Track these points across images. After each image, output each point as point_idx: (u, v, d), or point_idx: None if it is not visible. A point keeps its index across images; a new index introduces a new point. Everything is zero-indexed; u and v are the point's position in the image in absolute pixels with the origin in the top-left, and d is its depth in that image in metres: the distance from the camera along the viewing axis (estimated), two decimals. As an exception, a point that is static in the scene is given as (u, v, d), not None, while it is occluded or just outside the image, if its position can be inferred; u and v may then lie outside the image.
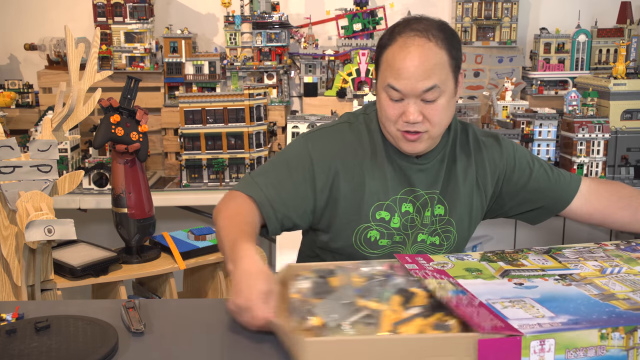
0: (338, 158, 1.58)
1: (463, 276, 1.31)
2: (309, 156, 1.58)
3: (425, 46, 1.46)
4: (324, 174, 1.58)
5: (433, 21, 1.53)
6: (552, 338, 1.06)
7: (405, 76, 1.46)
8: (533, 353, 1.05)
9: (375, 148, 1.61)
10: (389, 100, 1.51)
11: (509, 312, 1.13)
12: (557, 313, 1.13)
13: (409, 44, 1.46)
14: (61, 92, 2.17)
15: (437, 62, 1.47)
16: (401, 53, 1.47)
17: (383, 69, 1.51)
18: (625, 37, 3.15)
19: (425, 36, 1.47)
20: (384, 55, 1.51)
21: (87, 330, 1.27)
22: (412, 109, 1.48)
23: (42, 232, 1.75)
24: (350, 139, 1.61)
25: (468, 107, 2.95)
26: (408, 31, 1.49)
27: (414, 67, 1.45)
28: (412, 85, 1.46)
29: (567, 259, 1.42)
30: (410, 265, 1.37)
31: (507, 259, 1.42)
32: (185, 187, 2.79)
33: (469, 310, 1.13)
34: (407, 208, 1.60)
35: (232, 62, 3.07)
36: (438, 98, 1.49)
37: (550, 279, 1.30)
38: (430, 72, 1.46)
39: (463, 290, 1.23)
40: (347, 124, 1.65)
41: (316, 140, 1.62)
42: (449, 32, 1.52)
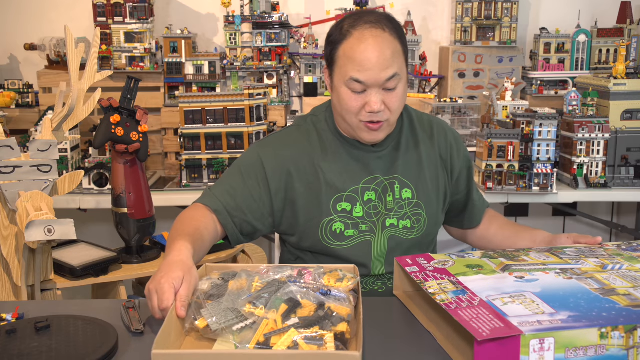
0: (289, 159, 1.64)
1: (464, 273, 1.31)
2: (261, 161, 1.64)
3: (382, 36, 1.51)
4: (277, 177, 1.63)
5: (381, 13, 1.57)
6: (552, 337, 1.05)
7: (368, 67, 1.49)
8: (533, 352, 1.05)
9: (326, 145, 1.66)
10: (351, 93, 1.54)
11: (509, 309, 1.13)
12: (557, 309, 1.13)
13: (366, 36, 1.50)
14: (61, 92, 2.17)
15: (394, 51, 1.52)
16: (360, 45, 1.50)
17: (342, 64, 1.54)
18: (625, 37, 3.15)
19: (380, 27, 1.51)
20: (340, 49, 1.54)
21: (87, 330, 1.27)
22: (375, 99, 1.52)
23: (42, 232, 1.75)
24: (299, 140, 1.67)
25: (468, 107, 2.95)
26: (362, 24, 1.52)
27: (376, 58, 1.49)
28: (376, 76, 1.50)
29: (569, 256, 1.42)
30: (410, 267, 1.37)
31: (509, 255, 1.42)
32: (185, 187, 2.79)
33: (468, 314, 1.12)
34: (370, 196, 1.64)
35: (232, 62, 3.07)
36: (398, 85, 1.54)
37: (551, 272, 1.30)
38: (390, 61, 1.51)
39: (464, 290, 1.23)
40: (295, 127, 1.72)
41: (266, 146, 1.68)
42: (396, 23, 1.58)
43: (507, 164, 2.72)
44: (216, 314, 1.21)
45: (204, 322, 1.21)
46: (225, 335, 1.19)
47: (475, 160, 2.86)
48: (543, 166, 2.71)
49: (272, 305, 1.21)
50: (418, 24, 3.27)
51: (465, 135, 2.92)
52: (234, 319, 1.20)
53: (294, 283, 1.27)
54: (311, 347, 1.11)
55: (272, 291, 1.25)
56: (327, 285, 1.29)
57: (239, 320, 1.20)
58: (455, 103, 2.93)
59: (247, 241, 1.71)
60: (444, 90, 3.20)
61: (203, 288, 1.31)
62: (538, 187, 2.73)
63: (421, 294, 1.40)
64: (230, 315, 1.21)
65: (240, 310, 1.22)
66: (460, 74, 3.11)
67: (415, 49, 3.15)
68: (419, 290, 1.39)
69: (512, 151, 2.71)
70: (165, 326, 1.16)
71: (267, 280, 1.31)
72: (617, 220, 3.49)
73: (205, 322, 1.21)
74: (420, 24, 3.30)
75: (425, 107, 3.00)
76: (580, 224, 3.53)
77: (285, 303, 1.21)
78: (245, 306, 1.22)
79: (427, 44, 3.31)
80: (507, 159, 2.72)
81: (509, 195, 2.74)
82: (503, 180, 2.73)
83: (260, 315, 1.19)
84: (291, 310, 1.20)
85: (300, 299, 1.22)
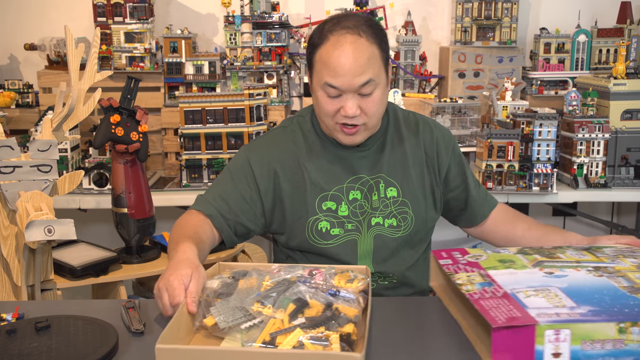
0: (275, 160, 1.67)
1: (494, 267, 1.32)
2: (249, 163, 1.67)
3: (358, 42, 1.50)
4: (265, 177, 1.66)
5: (361, 18, 1.57)
6: (568, 328, 1.06)
7: (342, 73, 1.50)
8: (548, 342, 1.06)
9: (310, 145, 1.68)
10: (327, 97, 1.55)
11: (530, 301, 1.14)
12: (579, 303, 1.13)
13: (342, 42, 1.50)
14: (61, 92, 2.17)
15: (370, 57, 1.51)
16: (335, 51, 1.50)
17: (318, 68, 1.55)
18: (625, 37, 3.14)
19: (356, 32, 1.51)
20: (317, 54, 1.55)
21: (87, 330, 1.27)
22: (350, 104, 1.53)
23: (42, 232, 1.75)
24: (285, 141, 1.70)
25: (468, 107, 2.95)
26: (339, 29, 1.52)
27: (349, 64, 1.49)
28: (349, 82, 1.51)
29: (606, 255, 1.41)
30: (444, 260, 1.39)
31: (544, 252, 1.42)
32: (185, 187, 2.79)
33: (488, 303, 1.14)
34: (355, 195, 1.65)
35: (232, 62, 3.07)
36: (374, 91, 1.54)
37: (582, 270, 1.30)
38: (364, 67, 1.50)
39: (490, 282, 1.24)
40: (281, 128, 1.74)
41: (253, 148, 1.71)
42: (377, 28, 1.56)
43: (507, 164, 2.72)
44: (224, 312, 1.22)
45: (212, 320, 1.22)
46: (232, 333, 1.20)
47: (475, 160, 2.86)
48: (543, 166, 2.71)
49: (280, 304, 1.22)
50: (418, 24, 3.27)
51: (465, 135, 2.92)
52: (242, 317, 1.21)
53: (304, 283, 1.28)
54: (316, 347, 1.12)
55: (281, 290, 1.26)
56: (337, 285, 1.29)
57: (247, 319, 1.21)
58: (455, 103, 2.93)
59: (241, 242, 1.74)
60: (444, 90, 3.20)
61: (213, 286, 1.32)
62: (538, 187, 2.73)
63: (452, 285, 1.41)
64: (238, 314, 1.22)
65: (248, 309, 1.22)
66: (460, 74, 3.11)
67: (415, 49, 3.16)
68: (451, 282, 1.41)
69: (512, 151, 2.71)
70: (173, 322, 1.18)
71: (277, 280, 1.31)
72: (617, 220, 3.49)
73: (214, 320, 1.22)
74: (420, 24, 3.30)
75: (425, 107, 3.00)
76: (580, 224, 3.53)
77: (293, 303, 1.21)
78: (254, 305, 1.23)
79: (427, 44, 3.31)
80: (507, 159, 2.72)
81: (509, 195, 2.74)
82: (503, 180, 2.73)
83: (268, 315, 1.20)
84: (298, 310, 1.20)
85: (308, 298, 1.22)
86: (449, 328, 1.31)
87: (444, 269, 1.35)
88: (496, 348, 1.07)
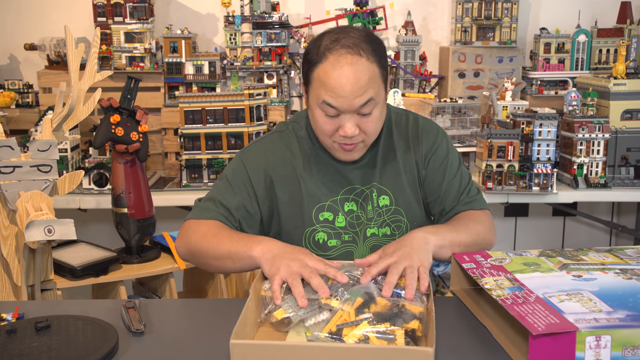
0: (270, 168, 1.63)
1: (521, 270, 1.31)
2: (246, 171, 1.63)
3: (358, 63, 1.46)
4: (261, 185, 1.63)
5: (360, 33, 1.52)
6: (609, 335, 1.05)
7: (342, 94, 1.46)
8: (589, 348, 1.04)
9: (307, 153, 1.64)
10: (325, 117, 1.51)
11: (565, 306, 1.12)
12: (615, 308, 1.12)
13: (341, 63, 1.46)
14: (61, 92, 2.17)
15: (370, 76, 1.47)
16: (334, 72, 1.46)
17: (316, 86, 1.50)
18: (625, 37, 3.15)
19: (356, 52, 1.47)
20: (315, 72, 1.50)
21: (87, 330, 1.27)
22: (349, 124, 1.49)
23: (42, 232, 1.75)
24: (280, 147, 1.66)
25: (468, 107, 2.95)
26: (338, 48, 1.47)
27: (350, 85, 1.45)
28: (349, 103, 1.47)
29: (630, 257, 1.40)
30: (467, 264, 1.38)
31: (567, 255, 1.41)
32: (185, 187, 2.79)
33: (523, 309, 1.12)
34: (351, 206, 1.63)
35: (232, 62, 3.07)
36: (373, 109, 1.51)
37: (610, 272, 1.28)
38: (365, 88, 1.46)
39: (520, 287, 1.23)
40: (277, 133, 1.69)
41: (249, 154, 1.66)
42: (376, 43, 1.52)
43: (507, 164, 2.72)
44: (294, 306, 1.24)
45: (282, 313, 1.24)
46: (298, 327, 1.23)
47: (475, 160, 2.86)
48: (543, 166, 2.71)
49: (349, 297, 1.23)
50: (418, 24, 3.27)
51: (465, 135, 2.92)
52: (310, 312, 1.24)
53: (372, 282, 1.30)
54: (381, 342, 1.14)
55: (350, 285, 1.28)
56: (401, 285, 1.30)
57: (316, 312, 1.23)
58: (455, 103, 2.93)
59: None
60: (444, 90, 3.20)
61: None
62: (538, 187, 2.73)
63: (477, 289, 1.41)
64: (308, 307, 1.24)
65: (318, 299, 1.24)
66: (460, 74, 3.11)
67: (415, 49, 3.16)
68: (475, 286, 1.40)
69: (512, 151, 2.71)
70: (243, 317, 1.19)
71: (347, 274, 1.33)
72: (617, 220, 3.49)
73: (284, 313, 1.24)
74: (420, 24, 3.30)
75: (425, 107, 3.00)
76: (580, 224, 3.53)
77: (362, 297, 1.23)
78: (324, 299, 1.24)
79: (427, 44, 3.31)
80: (507, 159, 2.72)
81: (509, 195, 2.74)
82: (503, 180, 2.73)
83: (336, 307, 1.22)
84: (366, 304, 1.22)
85: (375, 295, 1.24)
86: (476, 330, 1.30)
87: (469, 273, 1.33)
88: (534, 355, 1.06)
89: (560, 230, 3.52)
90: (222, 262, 1.50)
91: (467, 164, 2.95)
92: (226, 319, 1.37)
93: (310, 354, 1.10)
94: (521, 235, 3.52)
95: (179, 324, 1.37)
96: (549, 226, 3.53)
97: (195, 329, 1.32)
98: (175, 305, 1.56)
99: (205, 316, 1.40)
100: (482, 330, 1.28)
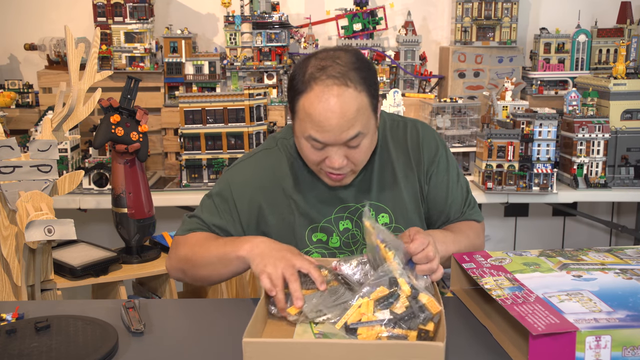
0: (257, 192, 1.56)
1: (521, 270, 1.32)
2: (231, 195, 1.56)
3: (345, 95, 1.37)
4: (247, 211, 1.56)
5: (348, 59, 1.41)
6: (609, 335, 1.05)
7: (328, 128, 1.38)
8: (589, 349, 1.05)
9: (296, 172, 1.57)
10: (311, 148, 1.44)
11: (565, 306, 1.13)
12: (615, 308, 1.12)
13: (327, 95, 1.36)
14: (61, 92, 2.17)
15: (358, 107, 1.39)
16: (319, 105, 1.37)
17: (301, 117, 1.42)
18: (625, 37, 3.15)
19: (343, 83, 1.37)
20: (300, 102, 1.41)
21: (87, 330, 1.27)
22: (337, 156, 1.43)
23: (42, 232, 1.75)
24: (269, 168, 1.58)
25: (468, 107, 2.95)
26: (324, 78, 1.38)
27: (336, 119, 1.37)
28: (336, 137, 1.40)
29: (630, 257, 1.40)
30: (467, 264, 1.38)
31: (567, 255, 1.41)
32: (185, 187, 2.79)
33: (523, 309, 1.13)
34: (346, 225, 1.56)
35: (232, 62, 3.07)
36: (362, 141, 1.43)
37: (610, 272, 1.29)
38: (352, 121, 1.38)
39: (520, 287, 1.23)
40: (265, 152, 1.61)
41: (235, 176, 1.59)
42: (365, 69, 1.42)
43: (507, 164, 2.72)
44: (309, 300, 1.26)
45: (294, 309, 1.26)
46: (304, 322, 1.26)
47: (475, 160, 2.86)
48: (543, 166, 2.71)
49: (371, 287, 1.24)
50: (418, 24, 3.27)
51: (465, 135, 2.92)
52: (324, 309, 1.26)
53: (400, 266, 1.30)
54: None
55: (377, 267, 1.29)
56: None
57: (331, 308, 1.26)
58: (455, 103, 2.93)
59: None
60: (444, 90, 3.20)
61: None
62: (538, 187, 2.73)
63: (477, 289, 1.41)
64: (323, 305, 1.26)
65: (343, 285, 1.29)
66: (460, 74, 3.11)
67: (415, 49, 3.16)
68: (475, 286, 1.40)
69: (512, 151, 2.71)
70: (256, 316, 1.21)
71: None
72: (617, 220, 3.49)
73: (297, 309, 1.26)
74: (420, 24, 3.30)
75: (425, 107, 3.00)
76: (580, 224, 3.53)
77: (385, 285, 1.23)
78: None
79: (427, 44, 3.31)
80: (507, 159, 2.72)
81: (509, 195, 2.74)
82: (503, 180, 2.73)
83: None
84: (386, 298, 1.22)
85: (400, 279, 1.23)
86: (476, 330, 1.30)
87: (469, 273, 1.33)
88: (534, 355, 1.06)
89: (560, 230, 3.52)
90: (213, 268, 1.46)
91: (467, 164, 2.95)
92: (226, 319, 1.37)
93: (322, 351, 1.11)
94: (521, 235, 3.52)
95: (179, 324, 1.37)
96: (549, 226, 3.52)
97: (195, 329, 1.32)
98: (175, 305, 1.56)
99: (205, 316, 1.40)
100: (482, 330, 1.28)
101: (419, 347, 1.10)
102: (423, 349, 1.09)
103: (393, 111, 2.78)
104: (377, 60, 3.13)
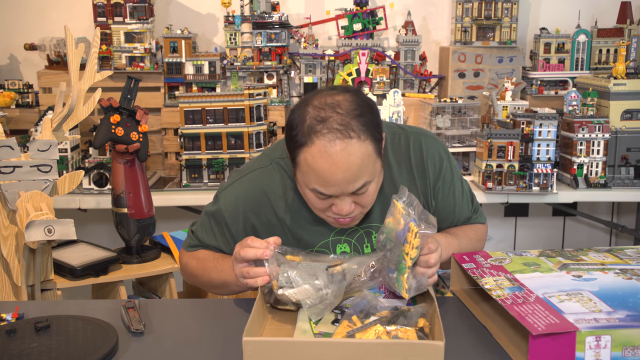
0: (250, 212, 1.51)
1: (521, 270, 1.32)
2: (223, 217, 1.53)
3: (348, 148, 1.30)
4: (242, 231, 1.52)
5: (349, 104, 1.34)
6: (609, 335, 1.05)
7: (333, 184, 1.33)
8: (588, 348, 1.05)
9: (291, 194, 1.51)
10: (316, 198, 1.39)
11: (565, 306, 1.13)
12: (615, 308, 1.12)
13: (330, 151, 1.29)
14: (61, 92, 2.17)
15: (364, 158, 1.33)
16: (323, 161, 1.30)
17: (304, 170, 1.35)
18: (625, 37, 3.14)
19: (346, 135, 1.30)
20: (302, 155, 1.33)
21: (87, 330, 1.27)
22: (344, 204, 1.38)
23: (42, 232, 1.75)
24: (260, 190, 1.52)
25: (468, 107, 2.95)
26: (326, 132, 1.30)
27: (341, 174, 1.31)
28: (342, 190, 1.34)
29: (630, 257, 1.40)
30: (467, 264, 1.38)
31: (567, 255, 1.41)
32: (185, 187, 2.79)
33: (523, 309, 1.13)
34: (343, 249, 1.52)
35: (232, 62, 3.07)
36: (369, 187, 1.38)
37: (610, 272, 1.29)
38: (358, 173, 1.33)
39: (520, 287, 1.23)
40: (259, 171, 1.54)
41: (229, 196, 1.53)
42: (366, 112, 1.35)
43: (507, 164, 2.72)
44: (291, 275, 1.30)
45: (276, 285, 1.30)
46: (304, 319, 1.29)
47: (475, 160, 2.86)
48: (543, 166, 2.71)
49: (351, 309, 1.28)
50: (418, 24, 3.27)
51: (465, 135, 2.92)
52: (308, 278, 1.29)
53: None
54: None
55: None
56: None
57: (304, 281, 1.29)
58: (455, 103, 2.93)
59: None
60: (444, 90, 3.20)
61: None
62: (538, 187, 2.73)
63: (477, 289, 1.41)
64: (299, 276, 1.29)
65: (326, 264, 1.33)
66: (460, 74, 3.11)
67: (415, 49, 3.15)
68: (475, 286, 1.40)
69: (512, 151, 2.71)
70: (254, 315, 1.22)
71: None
72: (617, 220, 3.49)
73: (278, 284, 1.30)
74: (420, 24, 3.30)
75: (425, 107, 3.00)
76: (580, 224, 3.53)
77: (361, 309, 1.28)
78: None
79: (427, 44, 3.31)
80: (507, 159, 2.72)
81: (509, 195, 2.74)
82: (503, 180, 2.73)
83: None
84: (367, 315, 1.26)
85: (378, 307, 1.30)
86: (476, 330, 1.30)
87: (469, 273, 1.34)
88: (534, 355, 1.06)
89: (560, 230, 3.52)
90: (223, 290, 1.53)
91: (467, 164, 2.95)
92: (226, 319, 1.37)
93: (322, 350, 1.11)
94: (521, 235, 3.52)
95: (179, 324, 1.37)
96: (549, 226, 3.52)
97: (195, 329, 1.32)
98: (175, 305, 1.56)
99: (205, 316, 1.41)
100: (482, 330, 1.29)
101: (418, 346, 1.10)
102: (423, 347, 1.09)
103: (393, 111, 2.79)
104: (377, 60, 3.13)
